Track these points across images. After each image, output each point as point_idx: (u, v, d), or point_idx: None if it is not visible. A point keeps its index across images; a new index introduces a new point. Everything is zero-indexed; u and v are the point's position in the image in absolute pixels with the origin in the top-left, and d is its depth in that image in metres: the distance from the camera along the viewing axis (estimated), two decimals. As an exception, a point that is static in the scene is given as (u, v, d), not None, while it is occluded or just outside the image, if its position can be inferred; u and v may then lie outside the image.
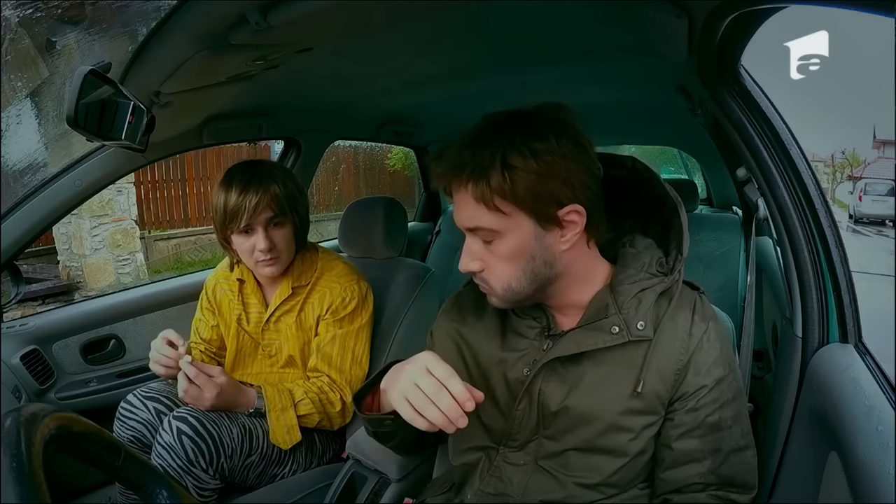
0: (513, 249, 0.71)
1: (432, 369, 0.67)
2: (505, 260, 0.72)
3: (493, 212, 0.69)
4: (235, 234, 1.17)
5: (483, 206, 0.69)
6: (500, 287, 0.74)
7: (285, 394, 1.18)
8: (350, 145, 7.60)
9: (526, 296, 0.75)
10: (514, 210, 0.69)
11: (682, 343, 0.73)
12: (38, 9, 0.91)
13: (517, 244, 0.71)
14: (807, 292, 0.90)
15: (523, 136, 0.68)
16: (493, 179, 0.68)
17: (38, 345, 1.39)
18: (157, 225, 6.21)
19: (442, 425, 0.65)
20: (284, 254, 1.21)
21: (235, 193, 1.14)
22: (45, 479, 0.49)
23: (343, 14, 0.76)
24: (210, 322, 1.34)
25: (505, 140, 0.68)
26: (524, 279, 0.73)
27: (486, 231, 0.71)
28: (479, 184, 0.68)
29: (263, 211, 1.15)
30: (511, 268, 0.72)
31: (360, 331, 1.26)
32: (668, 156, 6.41)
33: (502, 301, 0.76)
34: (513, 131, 0.69)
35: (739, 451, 0.74)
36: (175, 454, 1.03)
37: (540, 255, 0.72)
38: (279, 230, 1.19)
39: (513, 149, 0.68)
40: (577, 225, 0.71)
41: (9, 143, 1.30)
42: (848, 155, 19.98)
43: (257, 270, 1.22)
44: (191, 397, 1.08)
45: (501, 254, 0.72)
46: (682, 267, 0.77)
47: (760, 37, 0.81)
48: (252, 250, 1.17)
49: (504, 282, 0.73)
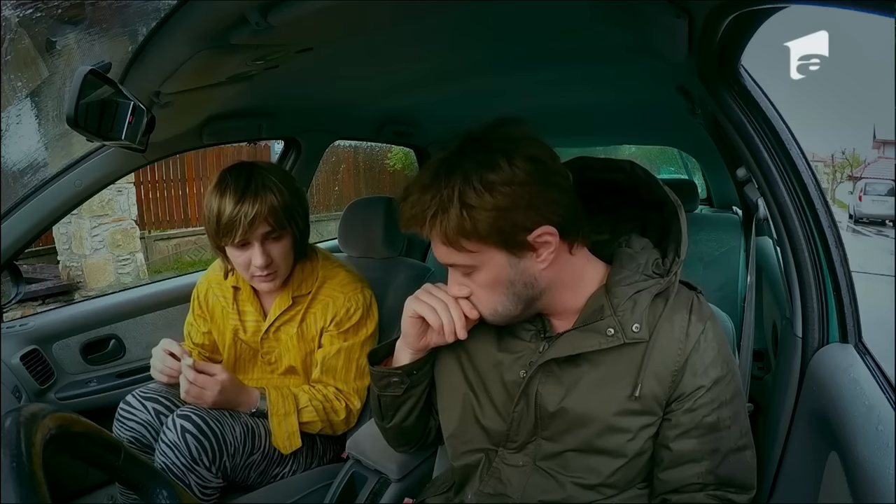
0: (490, 280, 0.73)
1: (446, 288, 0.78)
2: (486, 288, 0.74)
3: (461, 251, 0.71)
4: (230, 246, 1.11)
5: (450, 246, 0.70)
6: (488, 312, 0.76)
7: (289, 398, 1.16)
8: (350, 145, 7.60)
9: (515, 315, 0.76)
10: (481, 247, 0.70)
11: (679, 344, 0.73)
12: (38, 9, 0.91)
13: (493, 275, 0.72)
14: (807, 292, 0.90)
15: (476, 170, 0.67)
16: (453, 221, 0.68)
17: (38, 345, 1.39)
18: (157, 225, 6.22)
19: (449, 328, 0.76)
20: (283, 268, 1.15)
21: (230, 204, 1.06)
22: (45, 479, 0.49)
23: (343, 14, 0.76)
24: (202, 328, 1.30)
25: (459, 176, 0.68)
26: (509, 303, 0.75)
27: (461, 266, 0.74)
28: (441, 226, 0.69)
29: (260, 225, 1.08)
30: (494, 294, 0.74)
31: (365, 342, 1.22)
32: (668, 156, 6.42)
33: (495, 321, 0.78)
34: (465, 166, 0.68)
35: (738, 451, 0.74)
36: (179, 452, 1.03)
37: (519, 280, 0.73)
38: (277, 244, 1.12)
39: (467, 186, 0.67)
40: (550, 244, 0.71)
41: (9, 143, 1.31)
42: (848, 155, 20.01)
43: (253, 284, 1.18)
44: (193, 396, 1.07)
45: (481, 284, 0.74)
46: (678, 269, 0.76)
47: (760, 37, 0.81)
48: (248, 265, 1.11)
49: (490, 307, 0.76)
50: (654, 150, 7.13)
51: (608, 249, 0.80)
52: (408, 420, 0.89)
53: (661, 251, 0.79)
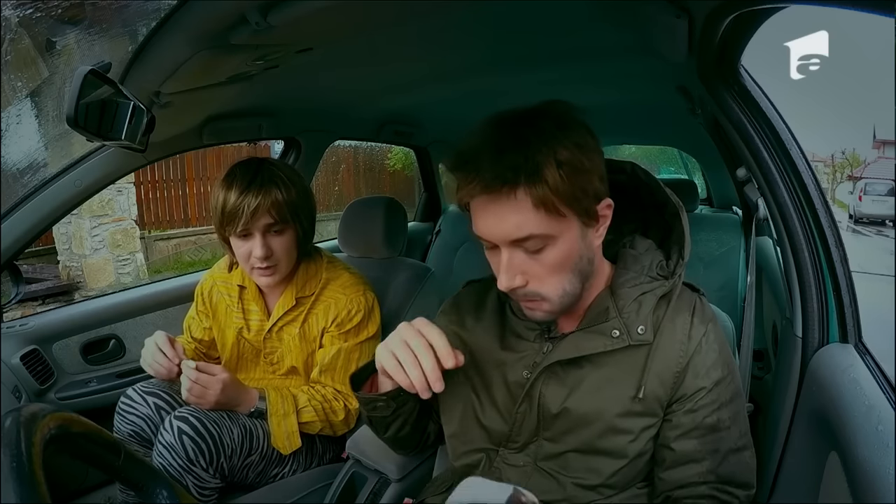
0: (563, 255, 0.67)
1: (423, 331, 0.69)
2: (555, 266, 0.68)
3: (551, 215, 0.65)
4: (233, 236, 1.13)
5: (542, 210, 0.64)
6: (556, 294, 0.69)
7: (288, 399, 1.16)
8: (350, 145, 7.60)
9: (577, 296, 0.72)
10: (568, 211, 0.66)
11: (682, 346, 0.73)
12: (38, 9, 0.91)
13: (567, 248, 0.67)
14: (807, 292, 0.90)
15: (563, 131, 0.65)
16: (551, 179, 0.63)
17: (38, 345, 1.39)
18: (157, 225, 6.22)
19: (419, 386, 0.67)
20: (283, 263, 1.15)
21: (235, 194, 1.08)
22: (45, 479, 0.49)
23: (343, 14, 0.76)
24: (203, 324, 1.31)
25: (547, 136, 0.64)
26: (576, 281, 0.70)
27: (537, 239, 0.66)
28: (536, 187, 0.63)
29: (262, 217, 1.09)
30: (561, 273, 0.69)
31: (365, 344, 1.22)
32: (668, 156, 6.43)
33: (556, 309, 0.71)
34: (543, 127, 0.65)
35: (737, 451, 0.74)
36: (175, 453, 1.03)
37: (585, 254, 0.70)
38: (279, 237, 1.13)
39: (560, 146, 0.64)
40: (607, 218, 0.71)
41: (9, 143, 1.30)
42: (848, 155, 19.99)
43: (252, 277, 1.18)
44: (196, 396, 1.07)
45: (551, 261, 0.67)
46: (682, 270, 0.76)
47: (760, 37, 0.81)
48: (248, 256, 1.12)
49: (559, 288, 0.69)
50: (654, 150, 7.14)
51: (611, 250, 0.80)
52: (402, 431, 0.88)
53: (664, 252, 0.78)
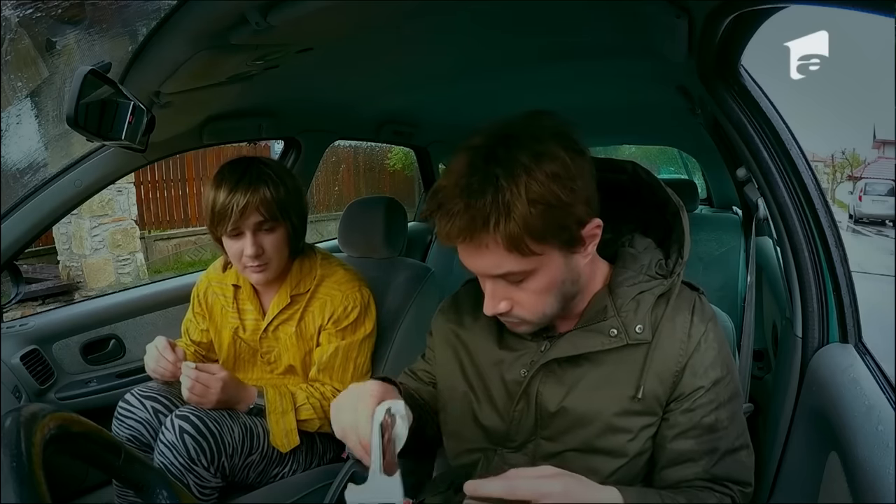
0: (545, 283, 0.68)
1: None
2: (536, 294, 0.69)
3: (524, 256, 0.65)
4: (224, 235, 1.13)
5: (515, 252, 0.64)
6: (535, 317, 0.71)
7: (287, 396, 1.17)
8: (350, 145, 7.60)
9: (557, 315, 0.73)
10: (544, 247, 0.65)
11: (681, 345, 0.73)
12: (38, 9, 0.91)
13: (549, 278, 0.68)
14: (807, 292, 0.90)
15: (535, 162, 0.62)
16: (521, 221, 0.61)
17: (38, 345, 1.39)
18: (157, 225, 6.22)
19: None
20: (275, 260, 1.15)
21: (224, 193, 1.08)
22: (45, 479, 0.49)
23: (343, 14, 0.76)
24: (200, 326, 1.31)
25: (519, 172, 0.61)
26: (556, 303, 0.71)
27: (516, 274, 0.67)
28: (506, 229, 0.62)
29: (252, 215, 1.09)
30: (544, 297, 0.70)
31: (363, 342, 1.23)
32: (668, 156, 6.43)
33: (535, 328, 0.73)
34: (521, 160, 0.62)
35: (735, 451, 0.74)
36: (177, 452, 1.03)
37: (569, 278, 0.70)
38: (269, 235, 1.13)
39: (532, 180, 0.61)
40: (596, 237, 0.70)
41: (9, 143, 1.31)
42: (848, 155, 19.97)
43: (245, 275, 1.18)
44: (197, 395, 1.07)
45: (535, 288, 0.68)
46: (681, 269, 0.76)
47: (760, 37, 0.81)
48: (240, 255, 1.12)
49: (539, 312, 0.71)
50: (654, 150, 7.15)
51: (610, 249, 0.80)
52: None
53: (664, 252, 0.78)
